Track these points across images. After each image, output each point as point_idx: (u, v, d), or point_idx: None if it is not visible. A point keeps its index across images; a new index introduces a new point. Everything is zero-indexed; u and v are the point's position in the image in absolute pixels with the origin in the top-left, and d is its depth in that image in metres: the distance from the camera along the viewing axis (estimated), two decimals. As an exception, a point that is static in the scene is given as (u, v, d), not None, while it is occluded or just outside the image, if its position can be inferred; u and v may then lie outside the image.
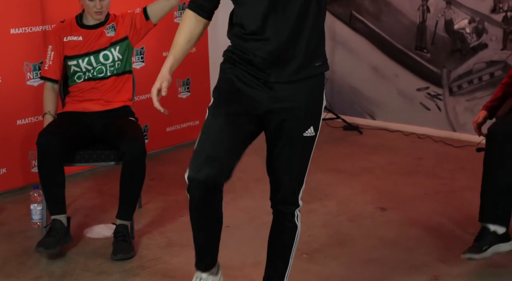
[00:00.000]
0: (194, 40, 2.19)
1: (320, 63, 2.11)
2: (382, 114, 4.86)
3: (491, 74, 4.31)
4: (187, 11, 2.17)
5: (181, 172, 3.96)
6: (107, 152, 2.99)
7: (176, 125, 4.41)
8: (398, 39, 4.67)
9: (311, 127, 2.14)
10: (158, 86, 2.15)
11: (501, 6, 4.18)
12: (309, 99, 2.12)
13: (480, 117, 3.02)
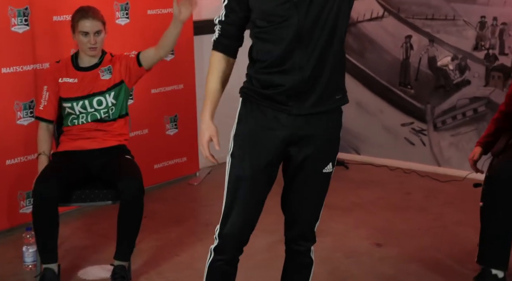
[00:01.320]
0: (226, 81, 2.20)
1: (340, 95, 2.14)
2: (367, 149, 4.91)
3: (475, 110, 4.41)
4: (214, 54, 2.17)
5: (172, 209, 4.00)
6: (105, 191, 2.95)
7: (163, 162, 4.38)
8: (382, 75, 4.75)
9: (330, 163, 2.16)
10: (208, 138, 2.14)
11: (483, 44, 4.30)
12: (329, 135, 2.15)
13: (475, 154, 3.08)
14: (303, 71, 2.04)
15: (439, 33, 4.46)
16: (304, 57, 2.03)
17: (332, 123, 2.16)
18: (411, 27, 4.57)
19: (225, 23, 2.16)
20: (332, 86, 2.09)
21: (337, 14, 2.03)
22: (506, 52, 4.22)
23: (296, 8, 2.00)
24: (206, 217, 3.87)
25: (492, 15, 4.23)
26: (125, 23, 3.99)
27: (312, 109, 2.07)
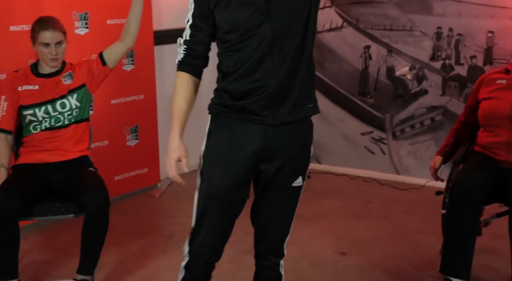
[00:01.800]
0: (193, 101, 2.17)
1: (312, 104, 2.14)
2: (328, 158, 4.96)
3: (432, 119, 4.50)
4: (180, 74, 2.14)
5: (133, 221, 3.94)
6: (67, 205, 2.88)
7: (124, 173, 4.32)
8: (342, 85, 4.81)
9: (300, 177, 2.16)
10: (176, 158, 2.11)
11: (439, 54, 4.41)
12: (300, 149, 2.15)
13: (436, 162, 3.14)
14: (277, 77, 2.03)
15: (397, 44, 4.54)
16: (277, 63, 2.03)
17: (304, 137, 2.16)
18: (370, 37, 4.65)
19: (191, 42, 2.13)
20: (304, 94, 2.10)
21: (308, 20, 2.05)
22: (461, 62, 4.33)
23: (268, 15, 2.01)
24: (169, 228, 3.82)
25: (448, 26, 4.34)
26: (84, 33, 3.93)
27: (286, 117, 2.07)
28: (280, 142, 2.09)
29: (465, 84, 4.33)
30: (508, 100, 2.95)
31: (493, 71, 3.17)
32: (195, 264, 2.16)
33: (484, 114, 3.02)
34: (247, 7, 2.02)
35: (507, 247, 2.88)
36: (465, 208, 2.80)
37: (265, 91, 2.04)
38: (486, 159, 2.96)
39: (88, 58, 3.17)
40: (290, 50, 2.03)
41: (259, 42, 2.02)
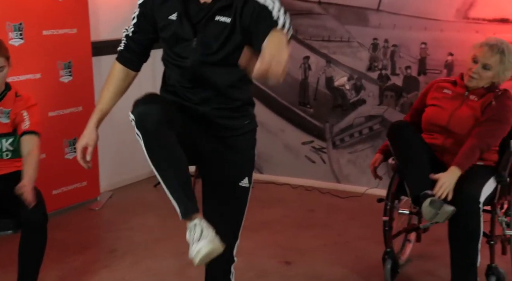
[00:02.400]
0: (123, 92, 2.18)
1: (248, 121, 2.18)
2: (270, 168, 4.98)
3: (370, 128, 4.60)
4: (116, 63, 2.16)
5: (73, 236, 3.83)
6: (4, 221, 2.78)
7: (62, 187, 4.20)
8: (283, 95, 4.86)
9: (246, 177, 2.18)
10: (84, 144, 2.10)
11: (376, 64, 4.52)
12: (244, 151, 2.19)
13: (377, 160, 3.20)
14: (205, 106, 2.09)
15: (335, 54, 4.63)
16: (200, 97, 2.08)
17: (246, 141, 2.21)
18: (309, 48, 4.72)
19: (130, 39, 2.17)
20: (239, 115, 2.15)
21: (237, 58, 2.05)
22: (397, 72, 4.45)
23: (194, 53, 2.03)
24: (110, 242, 3.74)
25: (384, 37, 4.46)
26: (19, 44, 3.82)
27: (222, 134, 2.15)
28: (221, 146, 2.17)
29: (400, 93, 4.46)
30: (448, 111, 3.05)
31: (444, 78, 3.29)
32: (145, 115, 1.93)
33: (426, 119, 3.13)
34: (180, 40, 2.05)
35: (445, 251, 2.96)
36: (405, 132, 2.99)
37: (196, 113, 2.11)
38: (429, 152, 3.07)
39: (36, 104, 3.01)
40: (218, 89, 2.08)
41: (184, 74, 2.07)
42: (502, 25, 3.99)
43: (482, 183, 2.89)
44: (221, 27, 2.01)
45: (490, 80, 3.02)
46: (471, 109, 3.02)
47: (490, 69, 2.99)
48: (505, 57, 2.97)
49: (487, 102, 3.00)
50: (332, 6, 4.57)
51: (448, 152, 3.03)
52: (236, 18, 2.00)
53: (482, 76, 3.00)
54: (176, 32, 2.05)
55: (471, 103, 3.03)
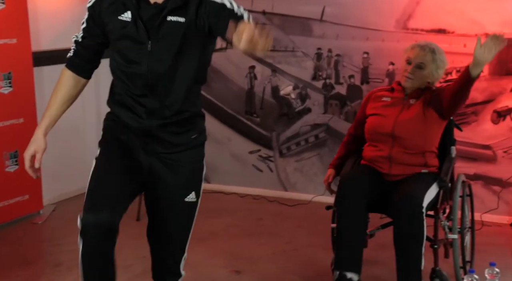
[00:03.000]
0: (72, 100, 2.14)
1: (196, 135, 2.16)
2: (217, 177, 4.97)
3: (316, 136, 4.66)
4: (65, 70, 2.11)
5: (16, 251, 3.72)
6: None
7: (3, 201, 4.08)
8: (229, 104, 4.87)
9: (193, 192, 2.16)
10: (32, 152, 2.05)
11: (320, 74, 4.59)
12: (190, 165, 2.16)
13: (330, 176, 3.25)
14: (153, 117, 2.07)
15: (280, 64, 4.68)
16: (156, 104, 2.06)
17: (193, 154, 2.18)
18: (254, 58, 4.75)
19: (80, 45, 2.13)
20: (186, 128, 2.14)
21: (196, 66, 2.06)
22: (341, 81, 4.54)
23: (148, 56, 2.01)
24: (55, 257, 3.65)
25: (327, 47, 4.54)
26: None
27: (166, 150, 2.13)
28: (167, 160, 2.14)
29: (345, 102, 4.54)
30: (392, 118, 3.13)
31: (380, 88, 3.36)
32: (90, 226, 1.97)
33: (369, 129, 3.19)
34: (134, 42, 2.03)
35: (391, 256, 3.03)
36: (354, 217, 2.92)
37: (140, 126, 2.08)
38: (371, 171, 3.12)
39: None
40: (170, 94, 2.05)
41: (138, 79, 2.04)
42: (439, 35, 4.13)
43: (425, 189, 2.97)
44: (175, 27, 2.00)
45: (425, 80, 3.14)
46: (413, 112, 3.11)
47: (424, 68, 3.11)
48: (436, 56, 3.11)
49: (428, 99, 3.10)
50: (276, 16, 4.62)
51: (396, 162, 3.09)
52: (190, 18, 2.00)
53: (417, 75, 3.11)
54: (130, 34, 2.01)
55: (412, 106, 3.12)
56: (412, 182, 3.00)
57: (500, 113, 4.07)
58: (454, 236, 3.03)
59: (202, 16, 2.00)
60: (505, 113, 4.05)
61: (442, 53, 3.16)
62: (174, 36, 2.00)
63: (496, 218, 4.07)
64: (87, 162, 2.20)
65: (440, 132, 3.19)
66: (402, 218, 2.89)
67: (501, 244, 3.77)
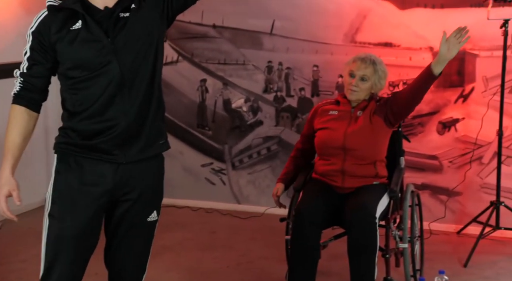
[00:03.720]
0: (29, 136, 2.07)
1: (163, 141, 2.15)
2: (169, 191, 4.86)
3: (268, 148, 4.70)
4: (15, 107, 2.04)
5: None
6: None
7: None
8: (180, 118, 4.86)
9: (155, 211, 2.14)
10: (6, 193, 1.99)
11: (272, 87, 4.64)
12: (153, 183, 2.13)
13: (278, 190, 3.28)
14: (127, 117, 2.02)
15: (231, 77, 4.71)
16: (127, 103, 2.02)
17: (156, 171, 2.17)
18: (205, 71, 4.77)
19: (28, 75, 2.06)
20: (155, 131, 2.10)
21: (156, 57, 2.06)
22: (292, 94, 4.59)
23: (115, 54, 1.99)
24: (2, 276, 3.55)
25: (278, 60, 4.59)
26: None
27: (137, 155, 2.06)
28: (132, 178, 2.07)
29: (296, 114, 4.60)
30: (341, 131, 3.19)
31: (325, 102, 3.41)
32: None
33: (320, 144, 3.24)
34: (93, 44, 1.99)
35: (343, 267, 3.07)
36: (308, 233, 2.96)
37: (115, 132, 2.02)
38: (324, 186, 3.17)
39: None
40: (140, 89, 2.04)
41: (107, 82, 1.99)
42: (386, 48, 4.24)
43: (377, 200, 3.03)
44: (129, 21, 2.02)
45: (369, 91, 3.23)
46: (361, 123, 3.18)
47: (367, 80, 3.20)
48: (377, 66, 3.22)
49: (374, 109, 3.19)
50: (226, 30, 4.65)
51: (349, 174, 3.15)
52: (141, 9, 2.04)
53: (361, 87, 3.20)
54: (86, 38, 1.99)
55: (359, 118, 3.20)
56: (364, 194, 3.07)
57: (445, 124, 4.20)
58: (405, 245, 3.10)
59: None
60: (450, 124, 4.19)
61: (382, 63, 3.26)
62: (132, 29, 2.01)
63: (444, 226, 4.19)
64: (33, 180, 2.15)
65: (387, 140, 3.26)
66: (356, 229, 2.94)
67: (449, 252, 3.88)
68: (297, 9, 4.45)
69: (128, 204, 2.08)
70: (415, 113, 4.17)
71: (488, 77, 4.07)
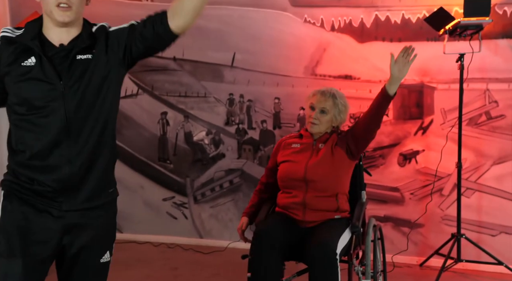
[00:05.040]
0: None
1: (112, 189, 2.09)
2: (130, 226, 4.85)
3: (231, 181, 4.66)
4: None
5: None
6: None
7: None
8: (141, 151, 4.79)
9: (108, 251, 2.08)
10: None
11: (233, 119, 4.62)
12: (105, 225, 2.07)
13: (243, 224, 3.23)
14: (72, 165, 1.95)
15: (193, 110, 4.67)
16: (73, 150, 1.95)
17: (106, 212, 2.10)
18: (166, 104, 4.72)
19: None
20: (104, 180, 2.04)
21: (111, 104, 2.00)
22: (254, 126, 4.58)
23: (64, 98, 1.93)
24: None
25: (239, 93, 4.58)
26: None
27: (84, 204, 2.00)
28: (81, 223, 2.01)
29: (258, 147, 4.58)
30: (302, 163, 3.18)
31: (289, 136, 3.41)
32: None
33: (282, 176, 3.22)
34: (43, 85, 1.92)
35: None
36: (267, 255, 2.92)
37: (56, 179, 1.95)
38: (286, 218, 3.14)
39: None
40: (90, 137, 1.97)
41: (52, 126, 1.93)
42: (346, 81, 4.27)
43: (338, 235, 3.01)
44: (86, 65, 1.95)
45: (329, 124, 3.24)
46: (322, 156, 3.17)
47: (327, 112, 3.22)
48: (337, 100, 3.24)
49: (335, 141, 3.19)
50: (187, 62, 4.63)
51: (310, 207, 3.12)
52: (100, 53, 1.97)
53: (322, 120, 3.21)
54: (37, 77, 1.92)
55: (321, 150, 3.20)
56: (326, 229, 3.04)
57: (405, 156, 4.23)
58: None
59: (112, 45, 1.99)
60: (410, 156, 4.22)
61: (343, 97, 3.28)
62: (87, 74, 1.94)
63: (407, 259, 4.19)
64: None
65: (350, 173, 3.26)
66: (317, 265, 2.90)
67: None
68: (258, 42, 4.46)
69: (79, 247, 2.01)
70: (376, 144, 4.20)
71: (446, 110, 4.12)
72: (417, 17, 4.11)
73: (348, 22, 4.26)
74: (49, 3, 1.93)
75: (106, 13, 4.50)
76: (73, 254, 2.03)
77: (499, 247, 4.01)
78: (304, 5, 4.35)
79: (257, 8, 4.45)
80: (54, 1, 1.93)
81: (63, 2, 1.93)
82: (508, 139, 4.01)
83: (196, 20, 1.98)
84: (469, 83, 3.98)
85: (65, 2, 1.93)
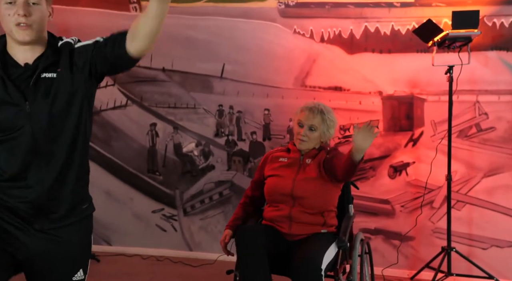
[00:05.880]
0: None
1: (87, 205, 2.06)
2: (118, 238, 4.80)
3: (220, 193, 4.61)
4: None
5: None
6: None
7: None
8: (130, 163, 4.74)
9: (81, 270, 2.04)
10: None
11: (223, 130, 4.58)
12: (79, 242, 2.03)
13: (226, 236, 3.19)
14: (42, 185, 1.93)
15: (182, 121, 4.64)
16: (44, 170, 1.93)
17: (81, 230, 2.07)
18: (155, 115, 4.69)
19: None
20: (77, 197, 2.01)
21: (79, 121, 1.97)
22: (243, 137, 4.54)
23: (30, 119, 1.90)
24: None
25: (229, 104, 4.55)
26: None
27: (57, 223, 1.97)
28: (54, 238, 1.98)
29: (248, 158, 4.54)
30: (290, 178, 3.14)
31: (276, 149, 3.38)
32: None
33: (269, 190, 3.18)
34: (9, 107, 1.90)
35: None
36: (253, 246, 2.92)
37: (27, 199, 1.93)
38: (272, 229, 3.11)
39: None
40: (59, 157, 1.94)
41: (21, 147, 1.91)
42: (336, 92, 4.24)
43: (324, 250, 2.96)
44: (51, 84, 1.92)
45: (318, 140, 3.20)
46: (310, 172, 3.14)
47: (315, 129, 3.17)
48: (325, 116, 3.19)
49: (323, 159, 3.15)
50: (176, 73, 4.60)
51: (296, 221, 3.09)
52: (65, 70, 1.94)
53: (310, 137, 3.17)
54: (3, 99, 1.89)
55: (308, 166, 3.16)
56: (311, 243, 3.00)
57: (396, 168, 4.19)
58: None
59: (77, 61, 1.95)
60: (401, 168, 4.18)
61: (331, 112, 3.23)
62: (52, 92, 1.91)
63: (397, 272, 4.14)
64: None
65: (338, 192, 3.23)
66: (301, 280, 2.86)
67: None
68: (247, 53, 4.43)
69: (49, 263, 1.98)
70: (366, 156, 4.14)
71: (437, 121, 4.09)
72: (406, 28, 4.09)
73: (337, 33, 4.23)
74: (9, 23, 1.91)
75: (96, 23, 4.47)
76: (43, 269, 2.00)
77: (490, 260, 3.96)
78: (294, 16, 4.33)
79: (246, 19, 4.42)
80: (14, 20, 1.90)
81: (22, 22, 1.90)
82: (498, 151, 3.97)
83: (153, 45, 1.92)
84: (459, 95, 3.95)
85: (24, 22, 1.90)
